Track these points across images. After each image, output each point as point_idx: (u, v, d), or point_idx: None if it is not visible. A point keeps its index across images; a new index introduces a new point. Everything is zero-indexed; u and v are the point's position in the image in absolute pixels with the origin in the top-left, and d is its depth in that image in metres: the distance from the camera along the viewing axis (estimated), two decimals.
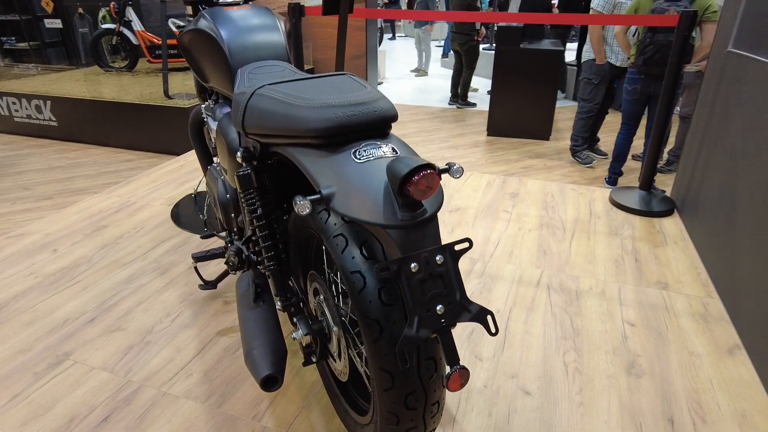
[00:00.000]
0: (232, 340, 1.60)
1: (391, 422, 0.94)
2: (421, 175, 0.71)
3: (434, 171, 0.72)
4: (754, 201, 1.62)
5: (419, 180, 0.71)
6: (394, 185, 0.74)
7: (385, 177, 0.80)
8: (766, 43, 1.75)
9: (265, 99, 1.00)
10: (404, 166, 0.72)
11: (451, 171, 0.87)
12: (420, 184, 0.71)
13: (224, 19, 1.46)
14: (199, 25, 1.49)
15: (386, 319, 0.89)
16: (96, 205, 2.56)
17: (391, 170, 0.75)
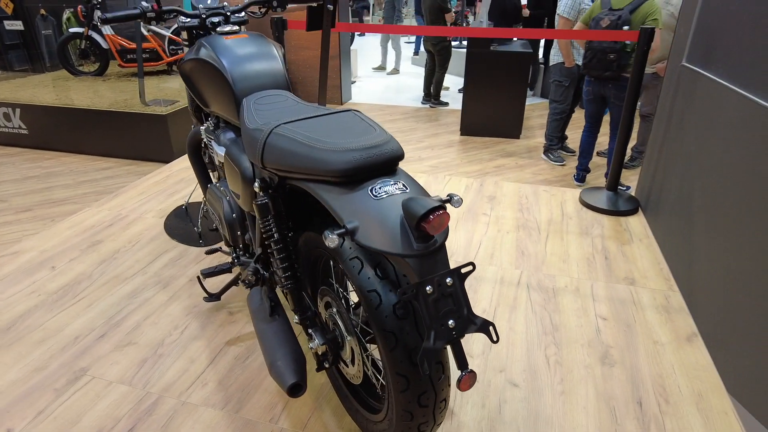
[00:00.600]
0: (241, 349, 1.71)
1: (406, 418, 1.08)
2: (435, 216, 0.85)
3: (446, 211, 0.86)
4: (707, 203, 1.83)
5: (433, 219, 0.85)
6: (411, 222, 0.88)
7: (399, 212, 0.94)
8: (714, 61, 1.95)
9: (284, 139, 1.11)
10: (420, 207, 0.86)
11: (452, 202, 1.01)
12: (434, 222, 0.85)
13: (225, 49, 1.56)
14: (200, 55, 1.58)
15: (400, 331, 1.02)
16: (88, 219, 2.60)
17: (408, 209, 0.88)
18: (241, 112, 1.42)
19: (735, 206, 1.62)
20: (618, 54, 3.13)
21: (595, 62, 3.27)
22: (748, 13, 1.71)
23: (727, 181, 1.69)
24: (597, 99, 3.53)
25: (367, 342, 1.22)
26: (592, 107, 3.62)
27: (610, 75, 3.23)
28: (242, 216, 1.62)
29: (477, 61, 4.80)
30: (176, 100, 4.44)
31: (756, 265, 1.45)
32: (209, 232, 2.45)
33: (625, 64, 3.16)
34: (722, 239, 1.69)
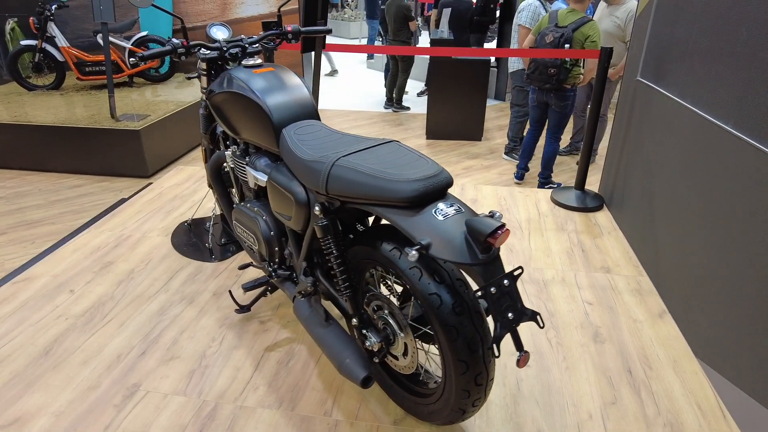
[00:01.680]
0: (280, 354, 1.87)
1: (464, 396, 1.31)
2: (500, 233, 1.07)
3: (508, 229, 1.09)
4: (667, 200, 2.17)
5: (499, 237, 1.08)
6: (479, 237, 1.10)
7: (462, 229, 1.16)
8: (665, 78, 2.31)
9: (349, 171, 1.30)
10: (486, 226, 1.08)
11: (495, 218, 1.24)
12: (500, 240, 1.08)
13: (259, 83, 1.71)
14: (234, 88, 1.73)
15: (460, 325, 1.25)
16: (91, 242, 2.64)
17: (475, 227, 1.10)
18: (284, 143, 1.59)
19: (690, 202, 1.96)
20: (558, 69, 3.47)
21: (537, 74, 3.60)
22: (692, 41, 2.06)
23: (683, 182, 2.04)
24: (540, 105, 3.87)
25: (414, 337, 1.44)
26: (536, 113, 3.97)
27: (549, 87, 3.57)
28: (279, 232, 1.79)
29: (440, 68, 5.08)
30: (148, 114, 4.43)
31: (710, 252, 1.79)
32: (218, 246, 2.57)
33: (564, 78, 3.49)
34: (681, 230, 2.03)
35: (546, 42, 3.48)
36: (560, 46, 3.39)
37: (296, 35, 2.05)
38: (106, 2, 3.97)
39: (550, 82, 3.52)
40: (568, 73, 3.48)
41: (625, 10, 3.92)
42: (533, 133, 4.12)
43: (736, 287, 1.65)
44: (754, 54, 1.65)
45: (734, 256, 1.67)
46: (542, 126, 4.07)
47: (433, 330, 1.30)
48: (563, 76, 3.48)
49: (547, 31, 3.51)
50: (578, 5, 3.49)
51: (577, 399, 1.69)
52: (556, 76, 3.47)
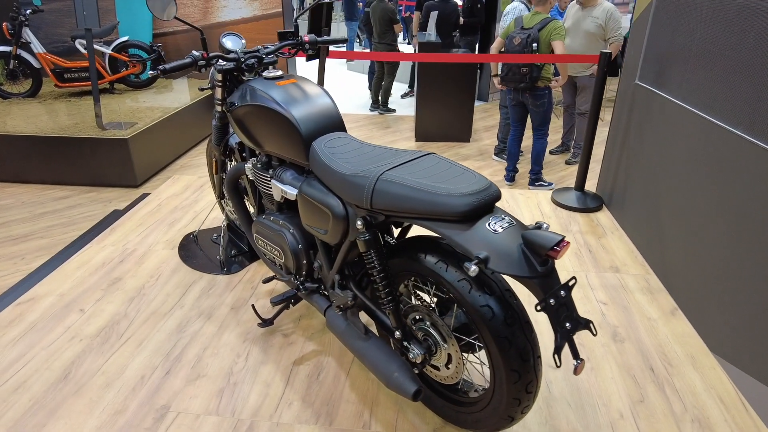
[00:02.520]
0: (309, 367, 1.86)
1: (515, 404, 1.33)
2: (562, 246, 1.10)
3: (569, 242, 1.11)
4: (673, 201, 2.25)
5: (562, 249, 1.10)
6: (539, 251, 1.12)
7: (517, 242, 1.17)
8: (666, 82, 2.39)
9: (396, 186, 1.30)
10: (547, 240, 1.10)
11: (543, 228, 1.27)
12: (562, 252, 1.10)
13: (284, 95, 1.69)
14: (259, 101, 1.70)
15: (512, 336, 1.27)
16: (94, 258, 2.56)
17: (534, 241, 1.12)
18: (316, 156, 1.57)
19: (697, 203, 2.04)
20: (529, 68, 3.56)
21: (511, 75, 3.68)
22: (696, 48, 2.14)
23: (689, 183, 2.11)
24: (518, 105, 3.96)
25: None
26: (515, 112, 4.05)
27: (523, 87, 3.66)
28: (308, 246, 1.77)
29: (427, 71, 5.11)
30: (134, 122, 4.31)
31: (719, 250, 1.86)
32: (229, 258, 2.53)
33: (537, 77, 3.58)
34: (689, 230, 2.11)
35: (515, 44, 3.57)
36: (528, 46, 3.48)
37: (313, 45, 2.03)
38: (90, 8, 3.85)
39: (524, 81, 3.61)
40: (540, 71, 3.57)
41: (602, 9, 4.06)
42: (515, 133, 4.19)
43: (748, 283, 1.72)
44: (763, 60, 1.72)
45: (744, 254, 1.74)
46: (524, 125, 4.15)
47: (482, 341, 1.32)
48: (536, 74, 3.57)
49: (514, 34, 3.61)
50: (541, 7, 3.59)
51: (606, 399, 1.74)
52: (528, 75, 3.56)
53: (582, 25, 4.10)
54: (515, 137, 4.17)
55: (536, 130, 4.00)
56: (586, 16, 4.09)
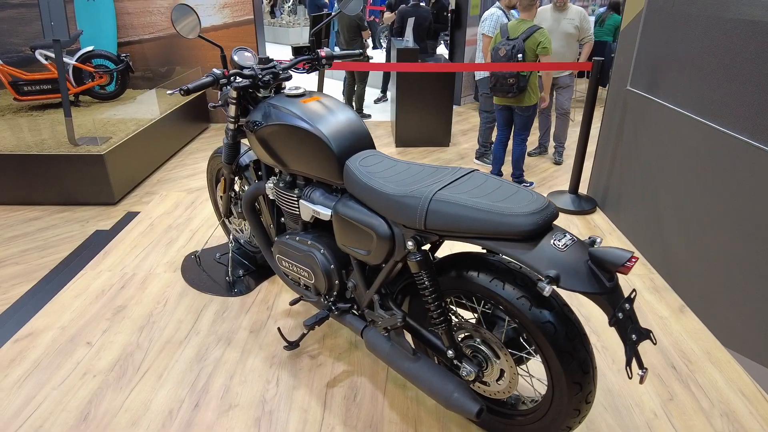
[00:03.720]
0: (344, 389, 1.82)
1: (574, 415, 1.35)
2: (632, 262, 1.12)
3: (637, 257, 1.14)
4: (673, 202, 2.35)
5: (632, 265, 1.12)
6: (609, 267, 1.14)
7: (583, 258, 1.19)
8: (660, 89, 2.49)
9: (453, 206, 1.29)
10: (617, 257, 1.12)
11: (597, 244, 1.29)
12: (631, 267, 1.13)
13: (313, 114, 1.66)
14: (287, 121, 1.66)
15: (574, 350, 1.29)
16: (91, 285, 2.42)
17: (604, 258, 1.14)
18: (353, 175, 1.55)
19: (698, 203, 2.14)
20: (516, 78, 3.63)
21: (499, 86, 3.75)
22: (692, 57, 2.24)
23: (689, 184, 2.22)
24: (505, 108, 4.01)
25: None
26: (501, 116, 4.12)
27: (512, 96, 3.74)
28: (339, 265, 1.74)
29: (406, 77, 5.13)
30: (109, 136, 4.11)
31: (724, 247, 1.96)
32: (238, 279, 2.45)
33: (524, 85, 3.65)
34: (691, 229, 2.21)
35: (500, 56, 3.62)
36: (513, 57, 3.54)
37: (330, 60, 2.00)
38: (59, 18, 3.64)
39: (512, 92, 3.67)
40: (526, 81, 3.64)
41: (575, 11, 4.21)
42: (501, 137, 4.26)
43: (754, 277, 1.82)
44: (764, 70, 1.83)
45: (747, 250, 1.84)
46: (510, 129, 4.22)
47: (542, 355, 1.33)
48: (522, 83, 3.64)
49: (500, 45, 3.65)
50: (526, 14, 3.66)
51: (637, 399, 1.79)
52: (515, 85, 3.63)
53: (559, 28, 4.22)
54: (501, 141, 4.24)
55: (517, 135, 4.08)
56: (561, 19, 4.22)
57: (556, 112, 4.64)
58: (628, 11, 2.75)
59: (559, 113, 4.57)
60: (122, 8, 5.46)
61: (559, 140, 4.73)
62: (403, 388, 1.83)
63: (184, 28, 1.77)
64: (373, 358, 1.97)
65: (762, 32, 1.84)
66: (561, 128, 4.61)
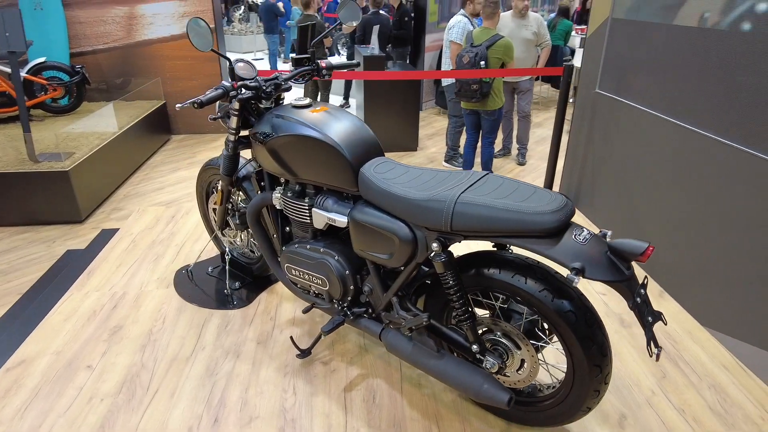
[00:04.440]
0: (362, 391, 1.86)
1: (594, 396, 1.45)
2: (651, 250, 1.23)
3: (654, 246, 1.25)
4: (649, 195, 2.54)
5: (650, 253, 1.23)
6: (628, 257, 1.25)
7: (602, 249, 1.29)
8: (626, 90, 2.69)
9: (479, 207, 1.37)
10: (636, 247, 1.23)
11: (608, 236, 1.40)
12: (649, 255, 1.24)
13: (325, 124, 1.69)
14: (300, 131, 1.69)
15: (593, 335, 1.39)
16: (80, 307, 2.32)
17: (623, 249, 1.25)
18: (369, 182, 1.60)
19: (669, 196, 2.33)
20: (479, 84, 3.78)
21: (464, 92, 3.89)
22: (660, 62, 2.44)
23: (661, 179, 2.41)
24: (473, 113, 4.15)
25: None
26: (470, 120, 4.27)
27: (476, 101, 3.89)
28: (354, 271, 1.77)
29: (374, 83, 5.21)
30: (72, 152, 3.93)
31: (698, 237, 2.15)
32: (235, 292, 2.42)
33: (487, 91, 3.79)
34: (664, 221, 2.40)
35: (464, 63, 3.75)
36: (476, 65, 3.68)
37: (329, 70, 2.03)
38: (15, 28, 3.47)
39: (476, 97, 3.80)
40: (489, 87, 3.77)
41: (533, 18, 4.44)
42: (470, 140, 4.41)
43: (725, 262, 2.01)
44: (726, 75, 2.03)
45: (717, 239, 2.03)
46: (478, 132, 4.37)
47: (564, 343, 1.43)
48: (486, 89, 3.77)
49: (463, 52, 3.79)
50: (489, 22, 3.82)
51: (635, 379, 1.93)
52: (479, 90, 3.76)
53: (520, 34, 4.42)
54: (470, 144, 4.38)
55: (485, 138, 4.23)
56: (521, 25, 4.41)
57: (518, 115, 4.84)
58: (594, 19, 2.95)
59: (520, 116, 4.76)
60: (73, 17, 5.24)
61: (522, 142, 4.92)
62: (419, 387, 1.88)
63: (198, 41, 1.77)
64: (386, 360, 2.01)
65: (726, 39, 2.04)
66: (523, 130, 4.79)
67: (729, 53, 2.02)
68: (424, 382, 1.90)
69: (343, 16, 1.99)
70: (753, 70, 1.92)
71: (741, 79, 1.98)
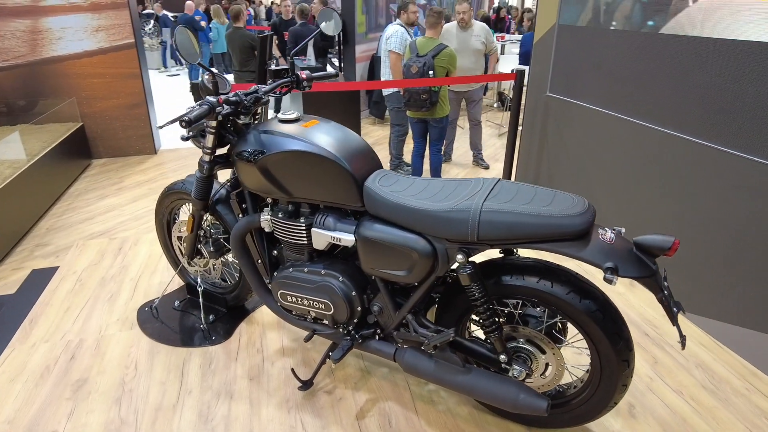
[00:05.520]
0: (375, 417, 1.76)
1: (622, 390, 1.48)
2: (677, 243, 1.27)
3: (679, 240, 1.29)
4: (607, 187, 2.68)
5: (677, 247, 1.27)
6: (657, 252, 1.28)
7: (628, 246, 1.32)
8: (577, 92, 2.83)
9: (506, 215, 1.34)
10: (663, 242, 1.26)
11: (623, 234, 1.44)
12: (676, 249, 1.28)
13: (323, 138, 1.60)
14: (295, 147, 1.58)
15: (620, 331, 1.42)
16: (28, 363, 2.00)
17: (650, 245, 1.28)
18: (378, 196, 1.52)
19: (627, 187, 2.48)
20: (428, 94, 3.85)
21: (413, 102, 3.94)
22: (603, 63, 2.59)
23: (616, 170, 2.56)
24: (420, 121, 4.18)
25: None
26: (417, 129, 4.31)
27: (425, 110, 3.94)
28: (360, 292, 1.68)
29: (312, 96, 5.10)
30: None
31: (655, 222, 2.31)
32: (210, 325, 2.22)
33: (436, 100, 3.86)
34: (625, 210, 2.54)
35: (412, 73, 3.79)
36: (425, 74, 3.73)
37: (309, 82, 1.93)
38: None
39: (425, 106, 3.84)
40: (437, 96, 3.82)
41: (479, 27, 4.56)
42: (418, 149, 4.44)
43: (690, 245, 2.17)
44: (675, 76, 2.19)
45: (680, 221, 2.19)
46: (425, 140, 4.41)
47: (593, 341, 1.44)
48: (434, 98, 3.82)
49: (410, 62, 3.83)
50: (432, 32, 3.88)
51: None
52: (428, 100, 3.81)
53: (469, 45, 4.49)
54: (419, 153, 4.40)
55: (433, 145, 4.28)
56: (469, 36, 4.50)
57: (471, 122, 4.88)
58: (540, 26, 3.08)
59: (473, 124, 4.82)
60: None
61: (477, 147, 4.95)
62: (433, 404, 1.82)
63: (185, 52, 1.61)
64: (392, 381, 1.93)
65: (673, 42, 2.20)
66: (476, 136, 4.85)
67: (674, 55, 2.19)
68: (436, 399, 1.84)
69: (325, 27, 1.90)
70: (701, 70, 2.09)
71: (692, 78, 2.14)
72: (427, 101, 3.78)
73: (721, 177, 2.06)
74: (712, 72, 2.05)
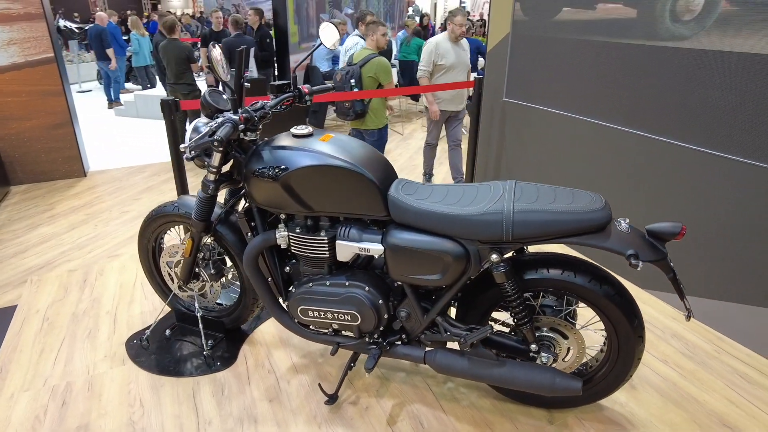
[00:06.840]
0: (407, 422, 1.79)
1: (636, 364, 1.64)
2: (685, 229, 1.44)
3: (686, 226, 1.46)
4: (565, 181, 2.92)
5: (685, 232, 1.44)
6: (668, 237, 1.44)
7: (641, 234, 1.48)
8: (534, 96, 3.05)
9: (537, 214, 1.44)
10: (673, 228, 1.43)
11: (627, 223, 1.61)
12: (684, 234, 1.45)
13: (344, 152, 1.62)
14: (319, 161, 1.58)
15: (635, 311, 1.58)
16: (12, 416, 1.80)
17: (661, 231, 1.44)
18: (405, 204, 1.57)
19: (591, 182, 2.73)
20: (351, 103, 3.71)
21: (339, 110, 3.88)
22: (559, 68, 2.83)
23: (578, 168, 2.80)
24: (357, 132, 3.99)
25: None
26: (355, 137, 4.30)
27: (351, 119, 3.81)
28: (387, 299, 1.71)
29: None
30: None
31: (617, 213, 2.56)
32: (211, 351, 2.12)
33: (360, 110, 3.74)
34: None
35: (336, 80, 3.75)
36: (347, 82, 3.68)
37: (311, 95, 1.92)
38: None
39: (350, 115, 3.76)
40: (362, 105, 3.74)
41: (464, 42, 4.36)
42: None
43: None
44: (628, 79, 2.45)
45: (638, 211, 2.46)
46: None
47: (611, 322, 1.59)
48: (359, 108, 3.73)
49: (337, 70, 3.82)
50: (370, 43, 3.82)
51: None
52: (351, 108, 3.72)
53: (462, 59, 4.15)
54: None
55: None
56: (460, 50, 4.18)
57: (450, 144, 4.40)
58: (494, 35, 3.28)
59: (453, 145, 4.35)
60: None
61: (458, 169, 4.42)
62: (456, 400, 1.89)
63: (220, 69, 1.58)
64: (411, 384, 1.97)
65: (625, 49, 2.46)
66: (457, 158, 4.36)
67: (626, 59, 2.45)
68: (458, 395, 1.91)
69: (325, 40, 1.91)
70: (652, 72, 2.36)
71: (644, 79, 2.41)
72: (350, 110, 3.70)
73: (676, 168, 2.33)
74: (666, 76, 2.32)
